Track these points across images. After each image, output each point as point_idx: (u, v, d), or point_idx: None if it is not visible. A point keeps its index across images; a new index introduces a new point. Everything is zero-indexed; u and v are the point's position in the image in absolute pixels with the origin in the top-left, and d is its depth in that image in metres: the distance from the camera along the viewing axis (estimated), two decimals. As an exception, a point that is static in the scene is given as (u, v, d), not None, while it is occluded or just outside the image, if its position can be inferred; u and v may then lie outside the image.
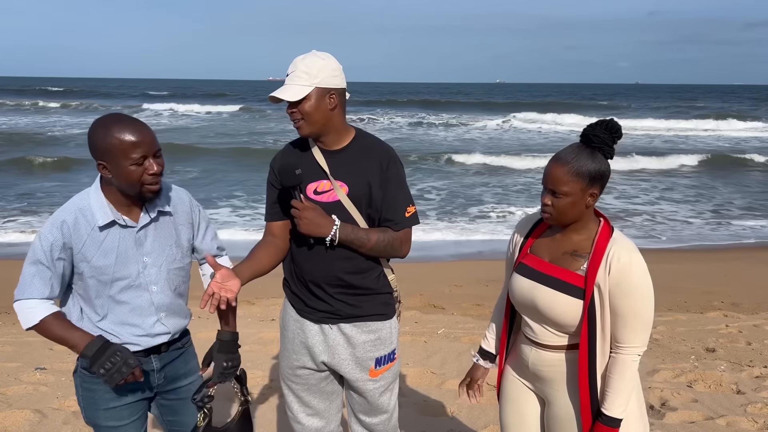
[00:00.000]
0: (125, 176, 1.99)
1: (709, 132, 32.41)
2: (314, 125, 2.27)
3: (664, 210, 13.13)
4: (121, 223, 2.08)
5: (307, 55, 2.28)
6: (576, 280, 2.06)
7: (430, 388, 4.39)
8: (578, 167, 1.99)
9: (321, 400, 2.51)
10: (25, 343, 5.33)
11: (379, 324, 2.41)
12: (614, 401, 2.04)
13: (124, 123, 1.98)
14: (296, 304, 2.46)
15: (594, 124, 2.03)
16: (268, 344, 5.31)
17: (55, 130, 28.02)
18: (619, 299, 2.00)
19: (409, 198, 2.37)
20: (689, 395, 4.18)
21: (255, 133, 28.83)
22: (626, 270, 2.00)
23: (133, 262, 2.11)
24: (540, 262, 2.15)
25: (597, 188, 2.03)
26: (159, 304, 2.18)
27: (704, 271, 8.45)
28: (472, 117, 39.41)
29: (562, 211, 2.04)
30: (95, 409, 2.16)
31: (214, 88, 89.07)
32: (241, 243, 8.84)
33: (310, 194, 2.32)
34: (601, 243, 2.04)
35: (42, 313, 2.06)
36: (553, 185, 2.02)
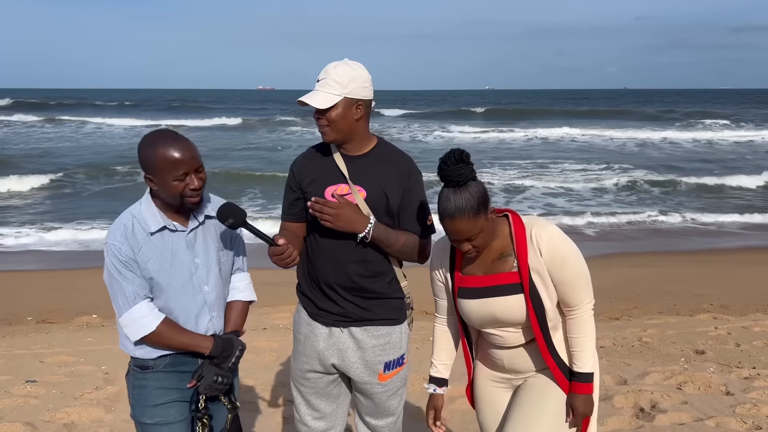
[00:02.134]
0: (168, 190, 2.13)
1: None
2: (339, 133, 2.33)
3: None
4: (171, 228, 2.20)
5: (339, 64, 2.32)
6: (513, 279, 2.18)
7: (422, 395, 4.38)
8: (469, 210, 2.04)
9: (328, 403, 2.54)
10: (16, 356, 5.30)
11: (389, 328, 2.45)
12: (585, 358, 2.20)
13: (169, 141, 2.11)
14: (308, 307, 2.50)
15: (445, 164, 2.05)
16: (260, 353, 5.31)
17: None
18: (558, 271, 2.14)
19: (428, 208, 2.45)
20: (679, 397, 4.21)
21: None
22: (552, 243, 2.14)
23: (186, 264, 2.21)
24: (476, 279, 2.24)
25: (488, 209, 2.10)
26: (211, 303, 2.28)
27: (693, 274, 8.52)
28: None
29: (484, 244, 2.15)
30: (143, 406, 2.23)
31: (204, 98, 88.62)
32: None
33: (327, 197, 2.37)
34: (519, 233, 2.17)
35: (156, 320, 2.15)
36: (464, 236, 2.08)
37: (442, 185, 2.09)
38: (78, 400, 4.29)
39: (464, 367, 2.48)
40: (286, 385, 4.58)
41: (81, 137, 30.18)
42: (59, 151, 24.21)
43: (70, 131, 33.34)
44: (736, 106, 63.71)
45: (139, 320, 2.14)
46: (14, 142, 27.62)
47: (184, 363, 2.23)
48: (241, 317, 2.37)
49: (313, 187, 2.40)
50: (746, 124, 38.33)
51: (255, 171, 18.61)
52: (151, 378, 2.22)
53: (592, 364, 2.22)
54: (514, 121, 40.17)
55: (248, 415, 4.11)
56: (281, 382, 4.67)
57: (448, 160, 2.05)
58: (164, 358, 2.21)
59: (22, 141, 28.01)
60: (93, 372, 4.85)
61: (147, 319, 2.15)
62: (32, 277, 8.60)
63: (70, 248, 10.41)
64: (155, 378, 2.22)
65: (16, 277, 8.69)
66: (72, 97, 79.46)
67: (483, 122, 40.51)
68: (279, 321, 6.42)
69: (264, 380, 4.69)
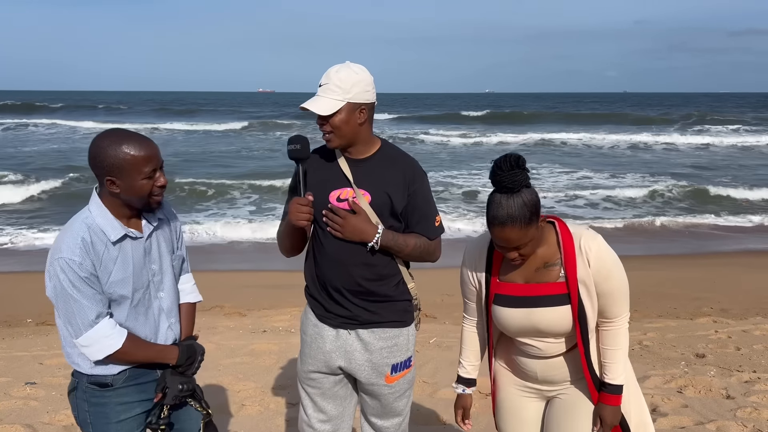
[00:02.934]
0: (136, 190, 2.02)
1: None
2: (343, 138, 2.31)
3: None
4: (131, 236, 2.10)
5: (341, 68, 2.29)
6: (561, 289, 2.13)
7: (423, 397, 4.39)
8: (521, 219, 1.99)
9: (335, 405, 2.54)
10: (15, 358, 5.29)
11: (396, 331, 2.45)
12: (617, 370, 2.18)
13: (135, 139, 2.01)
14: (316, 309, 2.50)
15: (500, 169, 1.99)
16: (259, 355, 5.30)
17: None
18: (603, 282, 2.12)
19: (436, 209, 2.46)
20: (679, 401, 4.20)
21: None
22: (600, 255, 2.11)
23: (145, 272, 2.15)
24: (518, 287, 2.18)
25: (539, 218, 2.06)
26: (168, 309, 2.23)
27: (693, 278, 8.51)
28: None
29: (531, 253, 2.11)
30: (106, 423, 2.14)
31: (206, 100, 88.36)
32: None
33: (333, 201, 2.37)
34: (567, 243, 2.12)
35: (120, 338, 2.06)
36: (515, 244, 2.04)
37: (492, 189, 2.03)
38: (78, 403, 4.28)
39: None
40: (286, 388, 4.57)
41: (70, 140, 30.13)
42: (53, 152, 24.19)
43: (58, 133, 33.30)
44: (737, 108, 63.64)
45: (102, 340, 2.03)
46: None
47: (143, 374, 2.17)
48: (192, 320, 2.36)
49: (317, 191, 2.39)
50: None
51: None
52: (111, 395, 2.13)
53: (623, 377, 2.20)
54: (510, 125, 39.96)
55: (248, 418, 4.11)
56: (281, 384, 4.66)
57: (503, 165, 1.98)
58: (123, 372, 2.13)
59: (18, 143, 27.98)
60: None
61: (111, 338, 2.04)
62: (32, 279, 8.57)
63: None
64: (116, 394, 2.13)
65: (16, 279, 8.69)
66: (65, 99, 79.23)
67: (470, 127, 39.82)
68: (279, 324, 6.41)
69: (264, 383, 4.68)
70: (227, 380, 4.70)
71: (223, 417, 4.09)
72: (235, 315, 6.82)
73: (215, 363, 5.02)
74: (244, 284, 8.05)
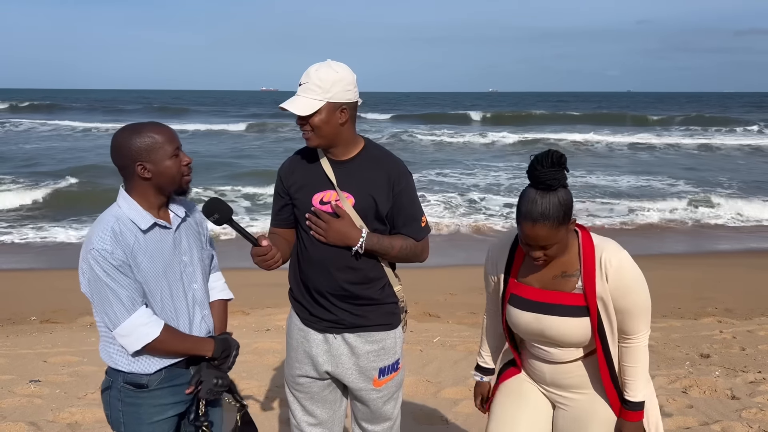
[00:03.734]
0: (166, 170, 2.08)
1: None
2: (323, 138, 2.26)
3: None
4: (161, 225, 2.13)
5: (321, 66, 2.24)
6: (576, 300, 2.08)
7: (426, 397, 4.39)
8: (554, 218, 1.94)
9: (324, 409, 2.51)
10: (19, 356, 5.30)
11: (383, 334, 2.42)
12: (637, 387, 2.12)
13: (152, 124, 2.10)
14: (301, 313, 2.46)
15: (540, 164, 1.93)
16: (263, 354, 5.30)
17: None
18: (621, 299, 2.05)
19: (421, 209, 2.42)
20: (684, 401, 4.19)
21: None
22: (620, 271, 2.04)
23: (176, 263, 2.16)
24: (533, 291, 2.14)
25: (570, 220, 2.01)
26: (201, 301, 2.24)
27: (698, 278, 8.50)
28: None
29: (555, 256, 2.05)
30: (139, 424, 2.14)
31: (210, 99, 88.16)
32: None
33: (315, 204, 2.32)
34: (588, 255, 2.06)
35: (158, 327, 2.06)
36: (540, 243, 1.98)
37: (528, 185, 1.98)
38: (82, 400, 4.29)
39: (468, 370, 2.47)
40: (289, 387, 4.57)
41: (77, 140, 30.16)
42: (53, 152, 24.23)
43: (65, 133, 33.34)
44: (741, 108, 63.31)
45: (140, 328, 2.03)
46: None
47: (179, 376, 2.17)
48: (225, 317, 2.37)
49: (300, 194, 2.36)
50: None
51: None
52: (146, 396, 2.12)
53: (644, 393, 2.14)
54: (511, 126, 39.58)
55: (252, 415, 4.09)
56: (284, 383, 4.65)
57: (543, 161, 1.92)
58: (159, 373, 2.12)
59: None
60: (96, 372, 4.84)
61: (148, 327, 2.04)
62: (36, 277, 8.61)
63: (74, 248, 10.42)
64: (151, 396, 2.13)
65: (20, 277, 8.70)
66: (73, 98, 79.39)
67: (468, 127, 39.34)
68: (282, 322, 6.41)
69: (267, 381, 4.68)
70: (231, 378, 4.69)
71: (227, 416, 4.08)
72: (238, 313, 6.82)
73: (219, 361, 5.01)
74: (247, 282, 8.04)
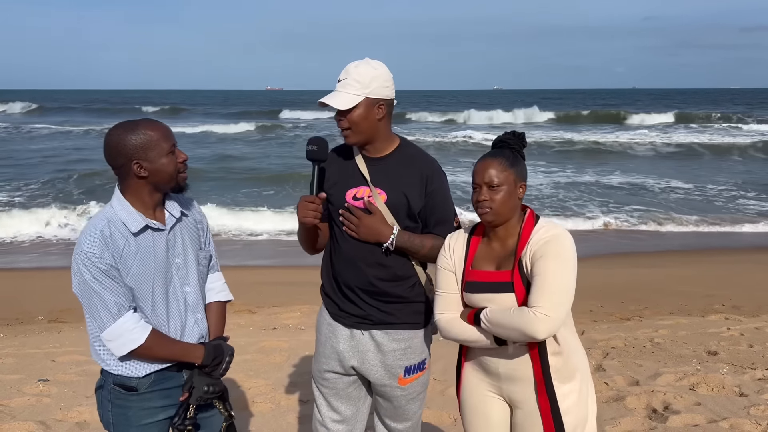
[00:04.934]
0: (163, 168, 2.04)
1: None
2: (361, 134, 2.30)
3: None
4: (153, 227, 2.09)
5: (360, 63, 2.29)
6: (507, 276, 2.11)
7: (433, 395, 4.38)
8: (509, 161, 2.13)
9: (349, 405, 2.52)
10: (27, 355, 5.32)
11: (410, 333, 2.43)
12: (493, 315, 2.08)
13: (147, 121, 2.07)
14: (330, 308, 2.49)
15: (503, 135, 2.22)
16: (269, 353, 5.31)
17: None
18: (534, 263, 2.05)
19: (454, 209, 2.43)
20: (692, 398, 4.18)
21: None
22: (546, 241, 2.06)
23: (168, 265, 2.13)
24: (485, 274, 2.17)
25: (523, 184, 2.15)
26: (194, 305, 2.20)
27: (705, 274, 8.46)
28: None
29: (501, 203, 2.09)
30: (127, 426, 2.12)
31: (217, 99, 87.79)
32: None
33: (348, 200, 2.36)
34: (526, 231, 2.12)
35: (144, 332, 2.02)
36: (489, 177, 2.10)
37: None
38: (90, 399, 4.30)
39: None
40: (296, 385, 4.58)
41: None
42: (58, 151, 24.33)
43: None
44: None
45: (126, 334, 2.00)
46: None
47: (170, 378, 2.13)
48: (222, 320, 2.33)
49: (334, 190, 2.39)
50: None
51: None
52: (135, 399, 2.10)
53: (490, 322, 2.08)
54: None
55: (259, 416, 4.12)
56: (292, 382, 4.67)
57: (506, 134, 2.20)
58: (149, 376, 2.09)
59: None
60: (104, 371, 4.87)
61: (135, 332, 2.01)
62: (44, 276, 8.63)
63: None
64: (140, 399, 2.10)
65: (28, 276, 8.74)
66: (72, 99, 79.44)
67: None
68: (289, 321, 6.42)
69: (274, 380, 4.69)
70: (238, 377, 4.71)
71: (234, 415, 4.09)
72: (245, 312, 6.84)
73: (226, 360, 5.02)
74: (254, 281, 8.06)
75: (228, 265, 9.01)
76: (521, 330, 2.01)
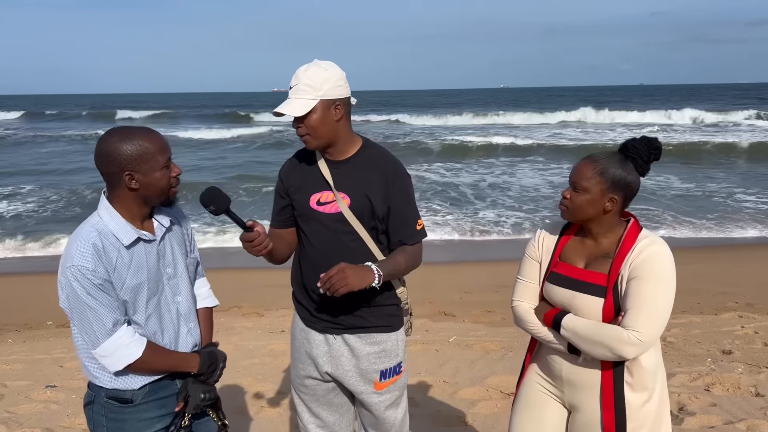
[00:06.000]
0: (155, 182, 1.97)
1: None
2: (321, 138, 2.25)
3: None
4: (145, 239, 2.03)
5: (309, 66, 2.23)
6: (601, 280, 2.06)
7: (443, 398, 4.33)
8: (604, 168, 2.03)
9: (330, 412, 2.49)
10: (36, 361, 5.31)
11: (384, 336, 2.39)
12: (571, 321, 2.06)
13: (145, 131, 1.98)
14: (302, 314, 2.46)
15: (636, 138, 2.08)
16: (278, 356, 5.27)
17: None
18: (630, 282, 2.00)
19: (417, 212, 2.37)
20: (707, 399, 4.10)
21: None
22: (647, 258, 1.99)
23: (160, 276, 2.08)
24: (573, 269, 2.14)
25: (618, 195, 2.05)
26: (185, 314, 2.16)
27: (717, 271, 8.37)
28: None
29: (578, 207, 2.06)
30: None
31: (222, 102, 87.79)
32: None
33: (313, 205, 2.32)
34: (628, 241, 2.05)
35: (140, 347, 1.98)
36: (576, 178, 2.06)
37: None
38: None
39: (485, 370, 2.40)
40: (305, 389, 4.53)
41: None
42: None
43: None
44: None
45: (121, 349, 1.95)
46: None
47: (163, 388, 2.10)
48: (211, 326, 2.30)
49: (298, 195, 2.35)
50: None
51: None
52: (131, 411, 2.04)
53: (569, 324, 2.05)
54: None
55: (267, 420, 4.07)
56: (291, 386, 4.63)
57: (637, 138, 2.07)
58: (144, 387, 2.04)
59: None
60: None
61: (130, 347, 1.96)
62: (53, 281, 8.62)
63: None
64: (136, 410, 2.04)
65: (37, 282, 8.74)
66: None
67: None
68: (297, 323, 6.38)
69: (283, 384, 4.65)
70: (246, 382, 4.68)
71: (242, 419, 4.06)
72: (253, 315, 6.81)
73: (234, 364, 4.99)
74: (262, 284, 8.03)
75: (235, 267, 9.02)
76: (610, 348, 1.98)
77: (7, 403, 4.32)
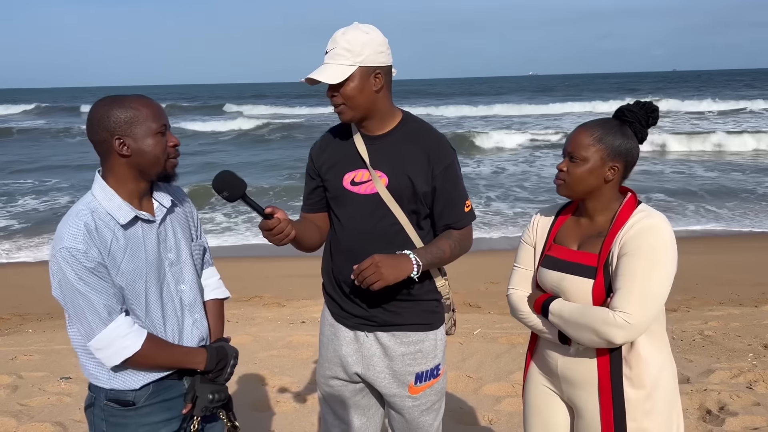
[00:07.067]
0: (148, 148, 1.80)
1: None
2: (357, 110, 2.02)
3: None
4: (143, 218, 1.86)
5: (348, 29, 2.00)
6: (592, 260, 1.87)
7: (466, 394, 4.14)
8: (603, 134, 1.87)
9: (357, 415, 2.28)
10: (54, 352, 5.26)
11: (421, 335, 2.16)
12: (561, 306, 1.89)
13: (136, 96, 1.83)
14: (332, 308, 2.25)
15: (631, 103, 1.94)
16: (297, 348, 5.13)
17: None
18: (621, 259, 1.80)
19: (465, 192, 2.15)
20: (750, 397, 3.84)
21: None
22: (639, 231, 1.80)
23: (161, 262, 1.90)
24: (566, 251, 1.96)
25: (619, 163, 1.88)
26: (190, 304, 1.97)
27: (756, 261, 8.03)
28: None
29: (577, 179, 1.88)
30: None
31: (256, 92, 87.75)
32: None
33: (346, 185, 2.10)
34: (622, 216, 1.86)
35: (139, 338, 1.80)
36: (573, 149, 1.89)
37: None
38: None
39: (511, 364, 2.20)
40: (323, 383, 4.39)
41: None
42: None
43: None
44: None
45: (118, 340, 1.77)
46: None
47: (170, 388, 1.91)
48: (221, 319, 2.11)
49: (331, 175, 2.14)
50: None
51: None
52: (133, 414, 1.86)
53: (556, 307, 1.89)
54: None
55: (283, 415, 3.93)
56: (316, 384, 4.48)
57: (635, 102, 1.94)
58: (147, 388, 1.86)
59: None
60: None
61: (128, 338, 1.78)
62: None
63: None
64: (138, 414, 1.86)
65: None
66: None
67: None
68: (318, 314, 6.22)
69: (301, 377, 4.50)
70: (263, 374, 4.54)
71: (257, 415, 3.92)
72: (274, 305, 6.69)
73: (251, 356, 4.86)
74: (284, 273, 7.92)
75: (257, 256, 8.93)
76: (596, 331, 1.79)
77: (21, 395, 4.25)
